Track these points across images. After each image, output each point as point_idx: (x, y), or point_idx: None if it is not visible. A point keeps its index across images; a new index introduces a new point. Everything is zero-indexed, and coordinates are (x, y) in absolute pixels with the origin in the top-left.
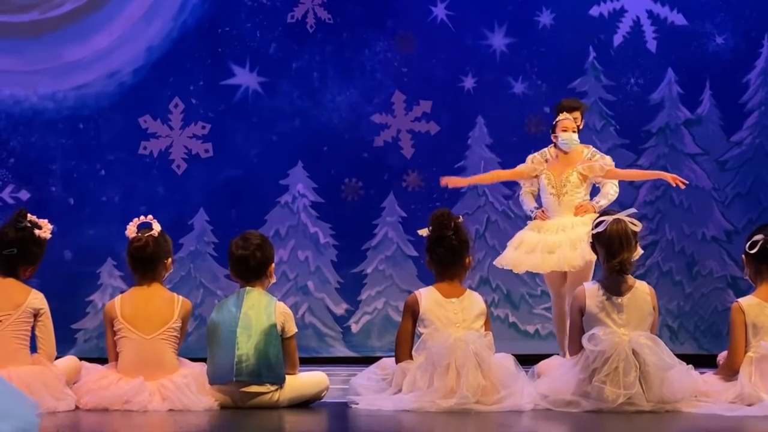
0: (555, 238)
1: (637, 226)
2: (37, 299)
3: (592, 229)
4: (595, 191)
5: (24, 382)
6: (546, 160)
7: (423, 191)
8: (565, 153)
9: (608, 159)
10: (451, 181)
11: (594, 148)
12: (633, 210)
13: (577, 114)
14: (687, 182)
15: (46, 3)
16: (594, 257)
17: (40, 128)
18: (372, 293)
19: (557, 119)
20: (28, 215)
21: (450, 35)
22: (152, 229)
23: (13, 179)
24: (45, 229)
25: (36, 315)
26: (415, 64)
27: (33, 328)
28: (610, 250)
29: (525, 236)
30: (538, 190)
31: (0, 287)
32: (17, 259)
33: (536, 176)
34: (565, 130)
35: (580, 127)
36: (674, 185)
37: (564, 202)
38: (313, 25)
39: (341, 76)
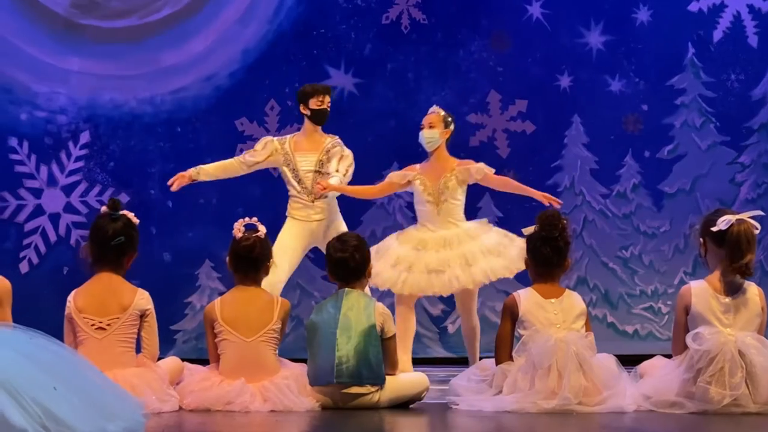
0: (440, 256)
1: (758, 229)
2: (143, 299)
3: (710, 226)
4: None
5: (129, 383)
6: (282, 145)
7: None
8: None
9: (479, 165)
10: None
11: (338, 138)
12: (759, 212)
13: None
14: (561, 203)
15: (144, 8)
16: (492, 278)
17: (138, 132)
18: None
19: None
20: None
21: (545, 34)
22: (258, 230)
23: (113, 183)
24: (132, 215)
25: (142, 316)
26: (511, 63)
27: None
28: (738, 250)
29: (400, 253)
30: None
31: (108, 288)
32: (125, 247)
33: (407, 183)
34: (422, 128)
35: (327, 109)
36: (547, 204)
37: (443, 210)
38: (408, 26)
39: (436, 76)
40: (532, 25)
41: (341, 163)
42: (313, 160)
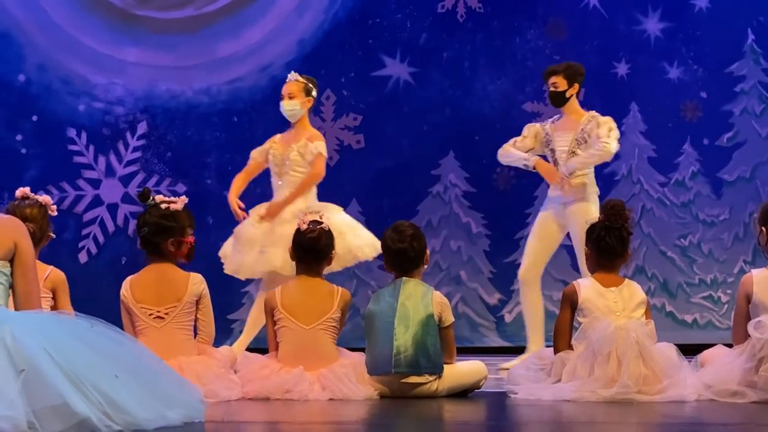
0: (277, 231)
1: None
2: (196, 284)
3: None
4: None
5: (194, 371)
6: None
7: None
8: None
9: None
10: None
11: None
12: None
13: (557, 78)
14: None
15: None
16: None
17: (195, 122)
18: None
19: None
20: (151, 194)
21: (602, 21)
22: (323, 223)
23: (170, 173)
24: (179, 202)
25: (198, 301)
26: (567, 51)
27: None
28: None
29: (239, 231)
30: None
31: (161, 277)
32: (159, 235)
33: (267, 155)
34: (282, 98)
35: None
36: None
37: (285, 182)
38: (464, 15)
39: (492, 65)
40: (588, 13)
41: (601, 129)
42: (568, 140)
